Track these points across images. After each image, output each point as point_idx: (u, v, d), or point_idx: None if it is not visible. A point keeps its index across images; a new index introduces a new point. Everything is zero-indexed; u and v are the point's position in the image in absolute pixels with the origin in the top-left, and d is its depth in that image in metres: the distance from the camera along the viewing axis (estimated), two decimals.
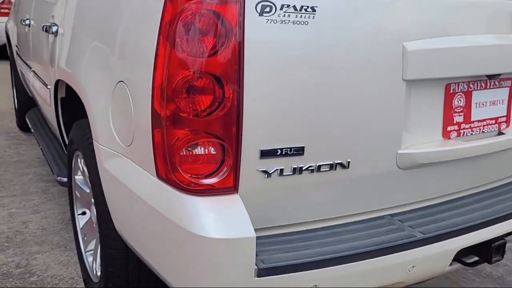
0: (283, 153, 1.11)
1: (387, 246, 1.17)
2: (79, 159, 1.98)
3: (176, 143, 1.09)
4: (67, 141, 2.27)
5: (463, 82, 1.35)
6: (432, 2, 1.22)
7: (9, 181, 3.25)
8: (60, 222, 2.71)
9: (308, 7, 1.04)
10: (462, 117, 1.37)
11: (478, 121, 1.41)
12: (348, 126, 1.16)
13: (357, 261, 1.14)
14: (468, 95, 1.37)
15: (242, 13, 1.00)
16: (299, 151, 1.12)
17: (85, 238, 2.11)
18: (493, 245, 1.37)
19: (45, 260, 2.33)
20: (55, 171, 2.48)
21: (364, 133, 1.19)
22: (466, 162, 1.40)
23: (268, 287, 1.08)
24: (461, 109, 1.37)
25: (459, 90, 1.35)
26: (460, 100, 1.36)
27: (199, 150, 1.09)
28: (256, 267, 1.06)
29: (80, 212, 2.16)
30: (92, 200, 1.92)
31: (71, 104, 2.11)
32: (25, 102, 4.01)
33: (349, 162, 1.19)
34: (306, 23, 1.05)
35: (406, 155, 1.27)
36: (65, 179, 2.39)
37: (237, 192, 1.10)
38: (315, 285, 1.13)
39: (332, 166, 1.17)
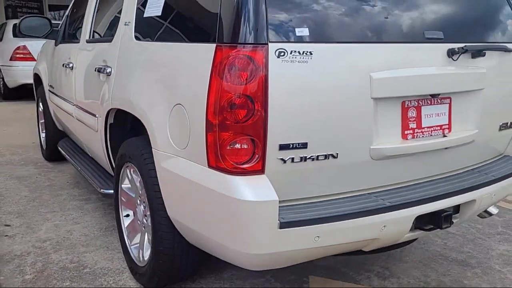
0: (294, 146, 1.68)
1: (366, 210, 1.74)
2: (127, 170, 2.52)
3: (223, 142, 1.66)
4: (112, 159, 2.83)
5: (414, 100, 1.95)
6: (390, 46, 1.83)
7: (47, 201, 3.76)
8: (99, 230, 3.22)
9: (307, 51, 1.64)
10: (415, 124, 1.96)
11: (427, 127, 2.00)
12: (336, 129, 1.75)
13: (346, 219, 1.70)
14: (418, 109, 1.97)
15: (266, 56, 1.60)
16: (304, 145, 1.70)
17: (130, 235, 2.63)
18: (442, 215, 1.93)
19: (93, 257, 2.83)
20: (97, 185, 3.03)
21: (346, 134, 1.77)
22: (419, 156, 1.98)
23: (286, 235, 1.63)
24: (414, 118, 1.96)
25: (412, 105, 1.95)
26: (413, 112, 1.95)
27: (238, 146, 1.66)
28: (278, 221, 1.62)
29: (124, 214, 2.69)
30: (138, 202, 2.47)
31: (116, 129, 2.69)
32: (54, 136, 4.57)
33: (337, 154, 1.77)
34: (306, 61, 1.65)
35: (376, 149, 1.85)
36: (108, 191, 2.94)
37: (264, 173, 1.67)
38: (318, 236, 1.68)
39: (326, 156, 1.75)
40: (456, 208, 2.08)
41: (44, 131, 4.98)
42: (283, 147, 1.67)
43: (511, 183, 2.28)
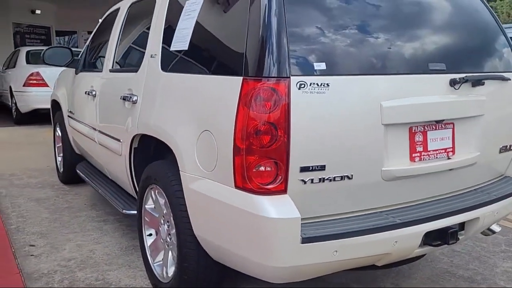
0: (313, 169, 1.86)
1: (379, 226, 1.90)
2: (152, 191, 2.69)
3: (249, 165, 1.84)
4: (135, 181, 3.00)
5: (420, 125, 2.13)
6: (398, 77, 2.02)
7: (67, 222, 3.92)
8: (119, 249, 3.37)
9: (324, 83, 1.83)
10: (422, 147, 2.14)
11: (433, 150, 2.18)
12: (350, 152, 1.93)
13: (361, 235, 1.86)
14: (424, 134, 2.15)
15: (289, 88, 1.79)
16: (322, 168, 1.87)
17: (152, 253, 2.79)
18: (449, 232, 2.09)
19: (117, 275, 2.98)
20: (119, 206, 3.20)
21: (360, 157, 1.95)
22: (426, 177, 2.16)
23: (307, 250, 1.79)
24: (421, 142, 2.14)
25: (418, 131, 2.13)
26: (419, 136, 2.13)
27: (263, 168, 1.84)
28: (301, 237, 1.78)
29: (147, 233, 2.85)
30: (162, 221, 2.63)
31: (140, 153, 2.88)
32: (71, 159, 4.76)
33: (352, 175, 1.95)
34: (324, 92, 1.84)
35: (387, 171, 2.02)
36: (130, 211, 3.11)
37: (287, 193, 1.84)
38: (336, 250, 1.84)
39: (342, 178, 1.92)
40: (461, 225, 2.24)
41: (61, 155, 5.18)
42: (303, 169, 1.85)
43: None
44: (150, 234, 2.86)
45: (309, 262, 1.83)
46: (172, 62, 2.49)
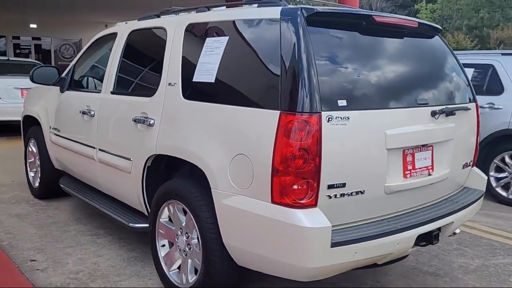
0: (337, 186, 2.29)
1: (387, 232, 2.37)
2: (170, 206, 2.98)
3: (286, 183, 2.23)
4: (146, 199, 3.25)
5: (410, 148, 2.64)
6: (397, 110, 2.52)
7: (58, 237, 4.05)
8: (122, 261, 3.59)
9: (346, 117, 2.28)
10: (411, 166, 2.65)
11: (419, 168, 2.69)
12: (364, 172, 2.38)
13: (374, 239, 2.32)
14: (413, 155, 2.66)
15: (320, 121, 2.20)
16: (344, 185, 2.31)
17: (167, 262, 3.07)
18: (433, 234, 2.60)
19: (128, 284, 3.22)
20: (126, 220, 3.43)
21: (370, 176, 2.41)
22: (414, 190, 2.66)
23: (335, 252, 2.21)
24: (410, 162, 2.64)
25: (409, 152, 2.63)
26: (410, 157, 2.64)
27: (297, 186, 2.23)
28: (331, 242, 2.20)
29: (161, 244, 3.13)
30: (179, 232, 2.93)
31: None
32: (49, 175, 4.85)
33: (364, 190, 2.40)
34: (345, 124, 2.28)
35: (388, 186, 2.50)
36: (137, 225, 3.36)
37: (317, 207, 2.25)
38: (355, 252, 2.28)
39: (357, 193, 2.37)
40: (438, 229, 2.76)
41: (33, 170, 5.21)
42: (330, 186, 2.27)
43: (473, 209, 3.02)
44: (163, 245, 3.13)
45: (335, 263, 2.25)
46: (196, 92, 2.81)
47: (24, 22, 19.41)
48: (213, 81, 2.68)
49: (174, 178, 3.03)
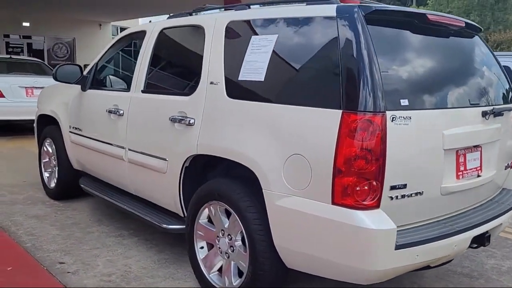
0: (398, 187, 2.25)
1: (447, 233, 2.34)
2: (211, 207, 2.92)
3: (348, 184, 2.18)
4: (182, 200, 3.18)
5: (463, 149, 2.61)
6: (453, 110, 2.49)
7: (82, 238, 3.96)
8: (153, 262, 3.52)
9: (408, 116, 2.24)
10: (463, 167, 2.62)
11: (470, 169, 2.66)
12: (422, 172, 2.34)
13: (435, 241, 2.28)
14: (465, 156, 2.63)
15: (384, 121, 2.16)
16: (404, 186, 2.27)
17: (207, 265, 3.01)
18: (485, 236, 2.58)
19: (165, 286, 3.14)
20: (158, 222, 3.37)
21: (428, 176, 2.38)
22: (467, 191, 2.64)
23: (399, 255, 2.17)
24: (463, 163, 2.61)
25: (461, 153, 2.60)
26: (462, 158, 2.61)
27: (360, 187, 2.19)
28: (395, 244, 2.16)
29: (199, 246, 3.07)
30: (221, 234, 2.87)
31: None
32: (68, 175, 4.75)
33: (423, 191, 2.36)
34: (407, 124, 2.24)
35: (444, 187, 2.47)
36: (170, 226, 3.29)
37: (379, 208, 2.21)
38: (417, 255, 2.24)
39: (416, 194, 2.33)
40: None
41: (48, 170, 5.11)
42: (392, 187, 2.23)
43: None
44: (202, 247, 3.07)
45: (397, 265, 2.21)
46: (242, 90, 2.75)
47: (16, 20, 19.18)
48: (263, 80, 2.62)
49: (215, 178, 2.97)
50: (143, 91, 3.56)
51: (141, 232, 4.09)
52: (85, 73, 4.33)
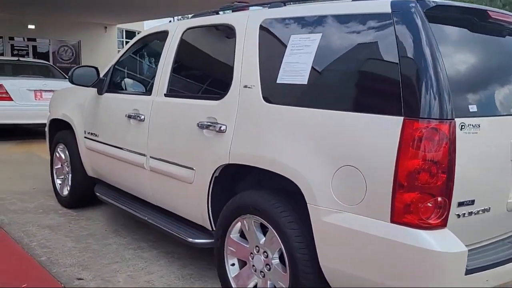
0: (466, 203, 2.00)
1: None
2: (244, 221, 2.68)
3: (411, 200, 1.94)
4: (210, 213, 2.94)
5: None
6: None
7: (99, 251, 3.72)
8: (176, 278, 3.28)
9: (477, 124, 2.00)
10: None
11: None
12: (490, 187, 2.10)
13: (505, 265, 2.04)
14: None
15: (453, 129, 1.92)
16: (472, 202, 2.02)
17: (239, 283, 2.77)
18: None
19: None
20: (184, 235, 3.13)
21: (495, 191, 2.13)
22: None
23: (468, 280, 1.93)
24: None
25: None
26: None
27: (424, 204, 1.95)
28: (465, 268, 1.91)
29: (230, 263, 2.83)
30: (255, 251, 2.63)
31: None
32: (82, 183, 4.52)
33: (490, 208, 2.12)
34: (476, 132, 2.00)
35: (510, 202, 2.22)
36: (198, 240, 3.06)
37: (446, 227, 1.96)
38: (487, 279, 1.99)
39: (483, 210, 2.09)
40: None
41: (60, 177, 4.88)
42: (460, 204, 1.99)
43: None
44: (233, 264, 2.83)
45: None
46: (282, 95, 2.52)
47: (22, 23, 19.07)
48: (306, 83, 2.39)
49: (250, 190, 2.73)
50: (166, 95, 3.33)
51: (161, 244, 3.86)
52: (101, 75, 4.10)
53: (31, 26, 19.56)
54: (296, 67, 2.45)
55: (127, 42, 24.63)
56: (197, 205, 3.02)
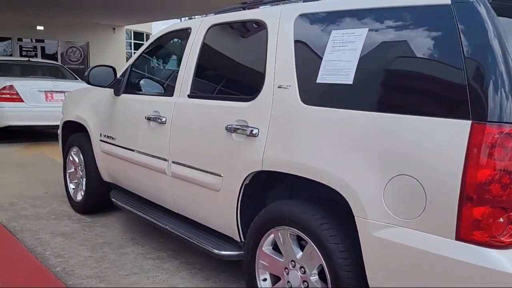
0: None
1: None
2: (278, 233, 2.46)
3: (481, 216, 1.71)
4: (239, 223, 2.73)
5: None
6: None
7: (116, 261, 3.52)
8: None
9: None
10: None
11: None
12: None
13: None
14: None
15: None
16: None
17: None
18: None
19: None
20: (211, 247, 2.91)
21: None
22: None
23: None
24: None
25: None
26: None
27: (495, 219, 1.72)
28: None
29: (262, 278, 2.61)
30: (291, 266, 2.41)
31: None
32: (98, 188, 4.32)
33: None
34: None
35: None
36: (225, 252, 2.85)
37: None
38: None
39: None
40: None
41: (74, 181, 4.69)
42: None
43: None
44: (265, 279, 2.61)
45: None
46: (323, 96, 2.30)
47: (31, 24, 19.02)
48: (351, 83, 2.17)
49: (286, 200, 2.52)
50: (189, 96, 3.12)
51: (181, 254, 3.65)
52: (118, 76, 3.90)
53: (39, 27, 19.52)
54: (339, 66, 2.23)
55: (135, 44, 24.61)
56: (224, 214, 2.81)
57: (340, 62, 2.23)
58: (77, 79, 9.35)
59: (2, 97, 7.57)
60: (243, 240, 2.77)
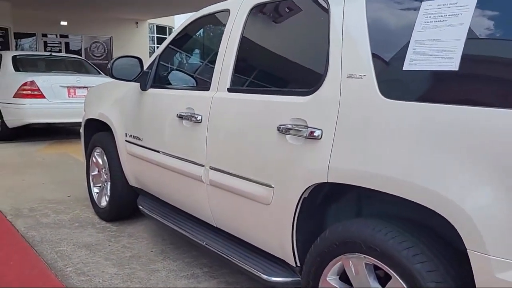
0: None
1: None
2: (350, 262, 1.95)
3: None
4: (295, 244, 2.23)
5: None
6: None
7: (147, 280, 3.07)
8: None
9: None
10: None
11: None
12: None
13: None
14: None
15: None
16: None
17: None
18: None
19: None
20: (259, 271, 2.43)
21: None
22: None
23: None
24: None
25: None
26: None
27: None
28: None
29: None
30: None
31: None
32: (124, 193, 3.89)
33: None
34: None
35: None
36: (278, 279, 2.36)
37: None
38: None
39: None
40: None
41: (98, 185, 4.27)
42: None
43: None
44: None
45: None
46: (412, 87, 1.77)
47: (55, 20, 18.93)
48: (457, 69, 1.63)
49: (358, 218, 2.00)
50: (229, 90, 2.63)
51: (219, 271, 3.18)
52: (145, 68, 3.43)
53: (63, 23, 19.43)
54: (437, 47, 1.69)
55: (158, 38, 24.30)
56: (275, 233, 2.31)
57: (439, 42, 1.69)
58: (100, 73, 8.98)
59: (23, 94, 7.23)
60: (298, 264, 2.28)
